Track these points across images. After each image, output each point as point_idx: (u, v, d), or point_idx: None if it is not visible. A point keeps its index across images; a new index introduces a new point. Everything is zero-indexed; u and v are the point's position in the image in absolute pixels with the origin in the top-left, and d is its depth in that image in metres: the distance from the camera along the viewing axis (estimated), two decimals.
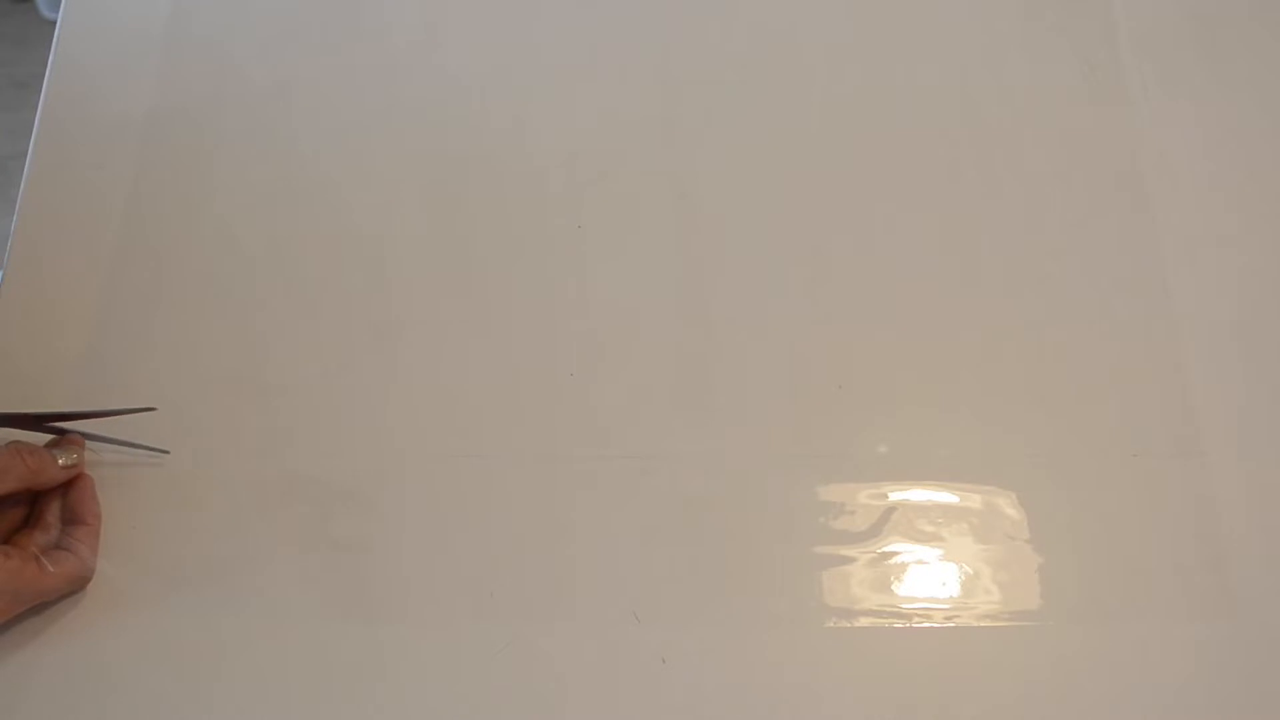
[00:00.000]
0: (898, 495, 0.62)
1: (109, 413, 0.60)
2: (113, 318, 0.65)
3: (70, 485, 0.59)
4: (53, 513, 0.58)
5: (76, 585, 0.57)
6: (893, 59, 0.73)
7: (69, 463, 0.58)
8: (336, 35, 0.74)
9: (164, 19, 0.73)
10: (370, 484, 0.61)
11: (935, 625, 0.59)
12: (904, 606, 0.59)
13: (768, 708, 0.57)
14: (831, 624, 0.58)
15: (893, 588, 0.59)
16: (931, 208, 0.69)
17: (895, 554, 0.60)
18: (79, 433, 0.59)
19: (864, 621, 0.58)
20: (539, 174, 0.70)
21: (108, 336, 0.64)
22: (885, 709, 0.57)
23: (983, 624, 0.59)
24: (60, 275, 0.66)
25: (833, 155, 0.70)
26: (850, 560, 0.60)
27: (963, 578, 0.60)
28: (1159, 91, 0.72)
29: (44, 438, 0.60)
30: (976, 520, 0.61)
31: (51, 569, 0.55)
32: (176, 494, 0.61)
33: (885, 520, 0.61)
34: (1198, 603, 0.59)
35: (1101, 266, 0.67)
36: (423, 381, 0.64)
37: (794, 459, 0.62)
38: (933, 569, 0.60)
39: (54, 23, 0.74)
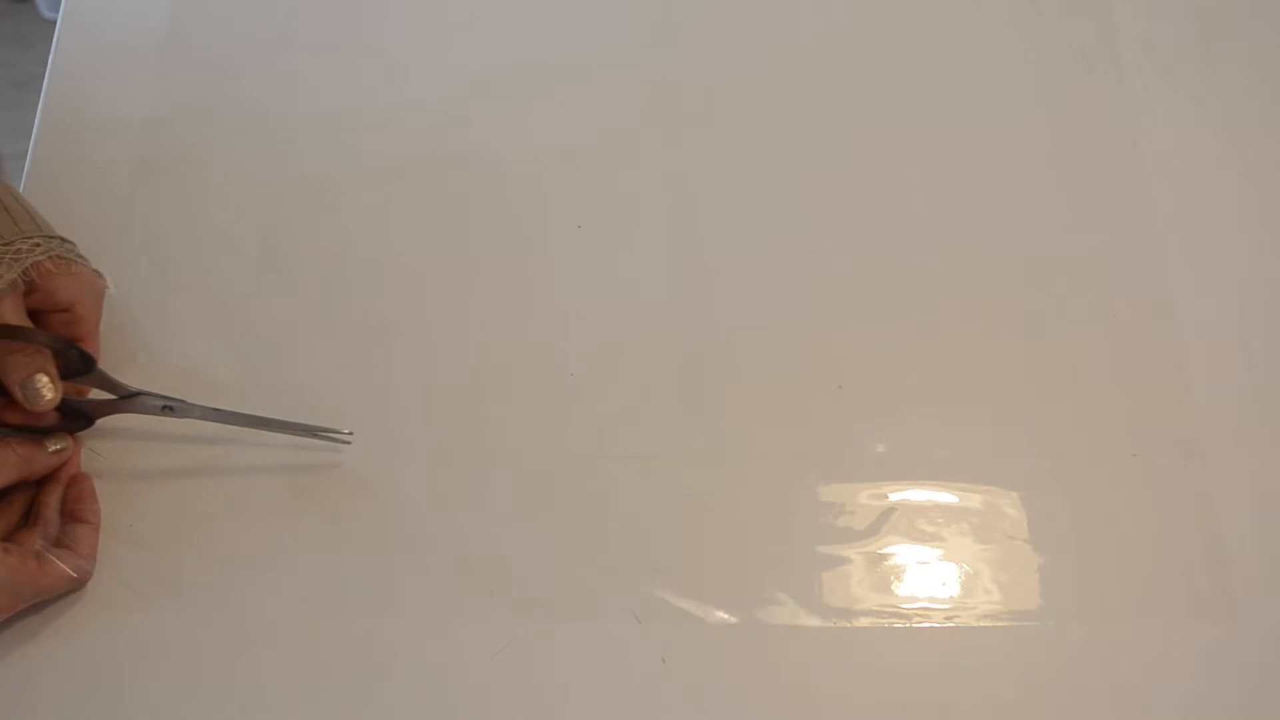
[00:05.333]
0: (898, 495, 0.62)
1: (303, 427, 0.61)
2: (112, 317, 0.65)
3: (70, 484, 0.59)
4: (53, 511, 0.58)
5: (76, 584, 0.57)
6: (892, 59, 0.73)
7: (57, 447, 0.58)
8: (336, 35, 0.74)
9: (163, 19, 0.73)
10: (369, 483, 0.61)
11: (935, 625, 0.59)
12: (904, 606, 0.59)
13: (768, 708, 0.57)
14: (831, 624, 0.58)
15: (893, 588, 0.59)
16: (931, 208, 0.69)
17: (895, 554, 0.60)
18: (265, 418, 0.60)
19: (864, 621, 0.58)
20: (539, 174, 0.70)
21: (106, 336, 0.64)
22: (885, 709, 0.57)
23: (983, 624, 0.59)
24: None
25: (832, 155, 0.70)
26: (850, 560, 0.60)
27: (963, 578, 0.60)
28: (1159, 91, 0.72)
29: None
30: (976, 520, 0.61)
31: (51, 567, 0.55)
32: (176, 493, 0.61)
33: (885, 520, 0.61)
34: (1198, 603, 0.59)
35: (1101, 266, 0.67)
36: (422, 381, 0.64)
37: (794, 459, 0.62)
38: (933, 569, 0.60)
39: (54, 23, 0.74)
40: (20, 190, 0.68)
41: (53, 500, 0.58)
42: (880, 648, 0.58)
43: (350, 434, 0.61)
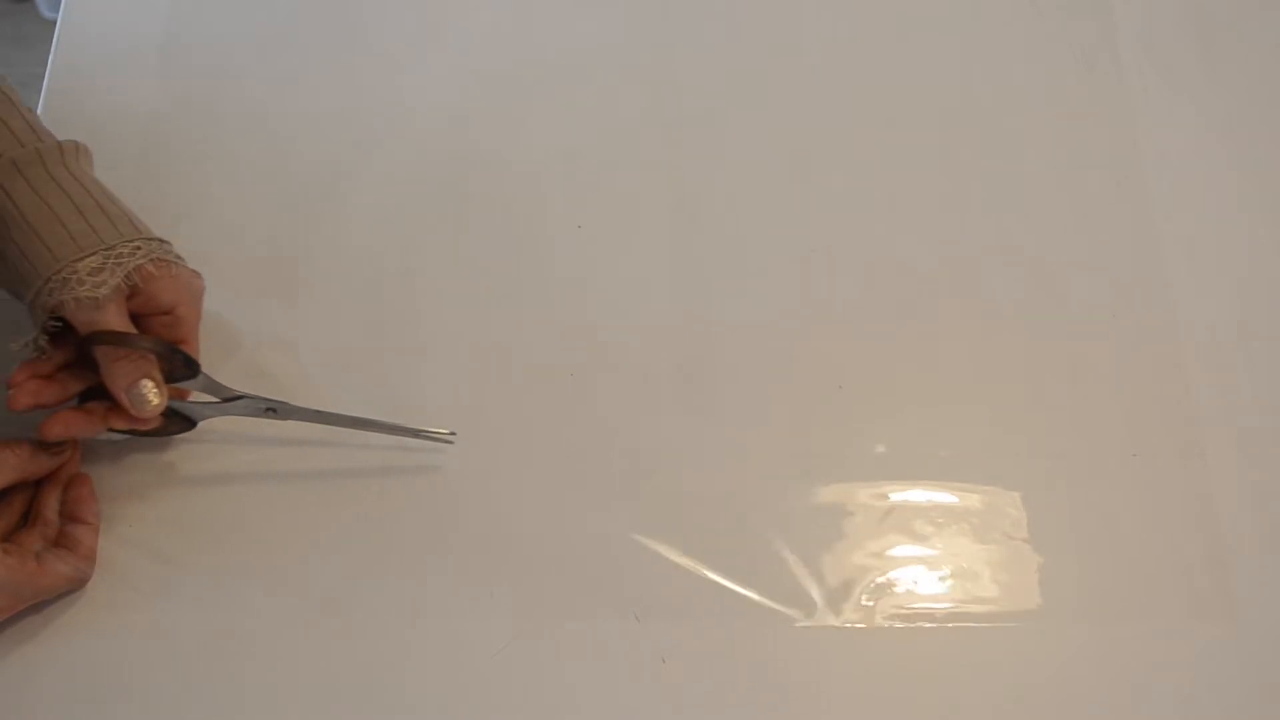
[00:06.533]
0: (898, 495, 0.62)
1: (405, 428, 0.60)
2: None
3: (70, 484, 0.59)
4: (52, 511, 0.58)
5: (75, 584, 0.57)
6: (893, 60, 0.73)
7: (56, 448, 0.58)
8: (336, 35, 0.74)
9: (163, 19, 0.73)
10: (368, 483, 0.61)
11: (935, 625, 0.59)
12: (904, 606, 0.59)
13: (768, 708, 0.57)
14: (831, 624, 0.58)
15: (893, 588, 0.59)
16: (931, 208, 0.69)
17: (895, 554, 0.60)
18: (367, 419, 0.60)
19: (864, 621, 0.58)
20: (539, 174, 0.70)
21: None
22: (885, 709, 0.57)
23: (983, 624, 0.59)
24: None
25: (833, 156, 0.70)
26: (850, 560, 0.60)
27: (963, 578, 0.60)
28: (1159, 91, 0.72)
29: None
30: (976, 520, 0.61)
31: (51, 567, 0.55)
32: (175, 492, 0.61)
33: (885, 520, 0.61)
34: (1198, 603, 0.59)
35: (1101, 267, 0.67)
36: (422, 381, 0.64)
37: (794, 459, 0.62)
38: (933, 569, 0.60)
39: (54, 23, 0.73)
40: None
41: (52, 501, 0.58)
42: (880, 648, 0.58)
43: (452, 434, 0.61)
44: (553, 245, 0.68)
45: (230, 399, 0.60)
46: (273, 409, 0.60)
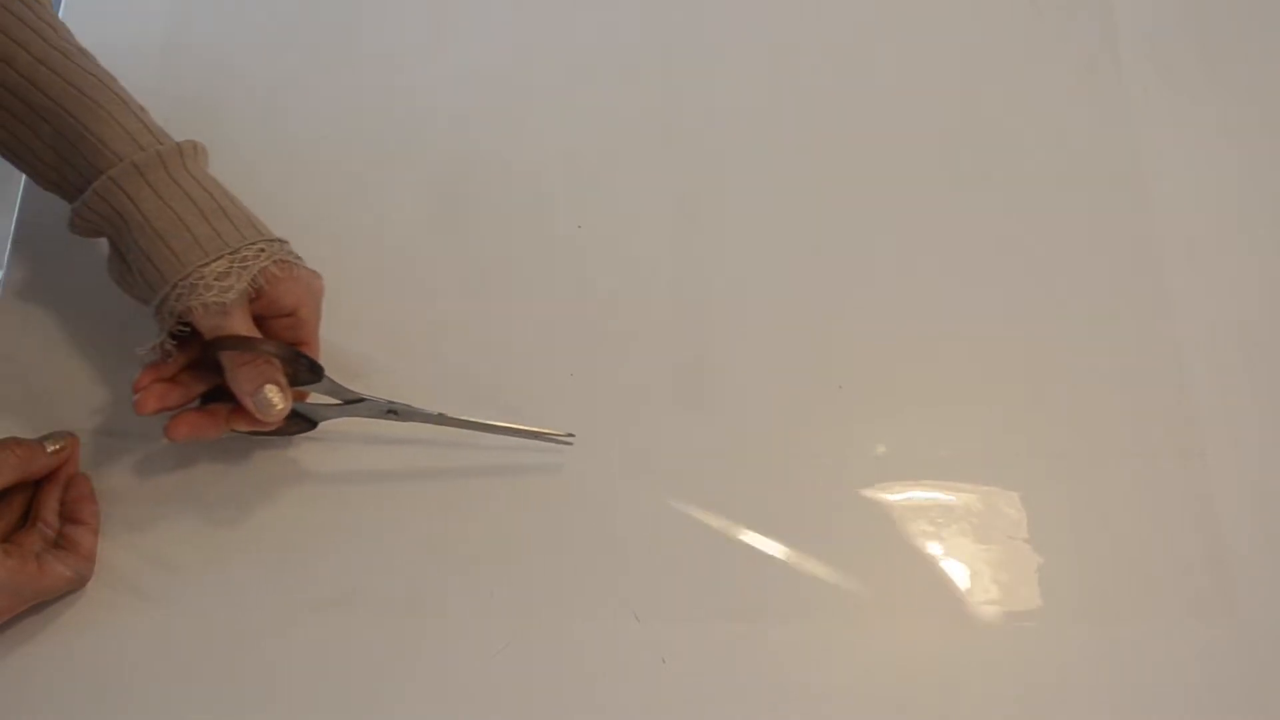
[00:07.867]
0: (898, 495, 0.62)
1: (525, 431, 0.60)
2: (113, 318, 0.65)
3: (69, 485, 0.59)
4: (51, 512, 0.58)
5: (75, 584, 0.57)
6: (893, 60, 0.73)
7: (56, 447, 0.58)
8: (337, 36, 0.74)
9: (164, 19, 0.73)
10: (369, 484, 0.61)
11: (935, 625, 0.59)
12: (905, 606, 0.59)
13: (768, 708, 0.57)
14: (832, 624, 0.58)
15: (894, 588, 0.59)
16: (931, 208, 0.69)
17: (895, 554, 0.60)
18: (486, 422, 0.60)
19: (864, 621, 0.58)
20: (539, 174, 0.70)
21: (108, 336, 0.64)
22: (885, 709, 0.57)
23: (983, 624, 0.59)
24: (60, 276, 0.66)
25: (833, 156, 0.70)
26: (851, 560, 0.60)
27: (963, 578, 0.60)
28: (1159, 91, 0.72)
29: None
30: (976, 520, 0.61)
31: (51, 568, 0.55)
32: (175, 493, 0.61)
33: (885, 520, 0.61)
34: (1198, 602, 0.59)
35: (1101, 267, 0.67)
36: (422, 381, 0.64)
37: (794, 459, 0.62)
38: (933, 569, 0.60)
39: None
40: (21, 192, 0.68)
41: (51, 501, 0.58)
42: (881, 648, 0.58)
43: (571, 436, 0.61)
44: (553, 245, 0.68)
45: (351, 401, 0.60)
46: (394, 411, 0.59)
